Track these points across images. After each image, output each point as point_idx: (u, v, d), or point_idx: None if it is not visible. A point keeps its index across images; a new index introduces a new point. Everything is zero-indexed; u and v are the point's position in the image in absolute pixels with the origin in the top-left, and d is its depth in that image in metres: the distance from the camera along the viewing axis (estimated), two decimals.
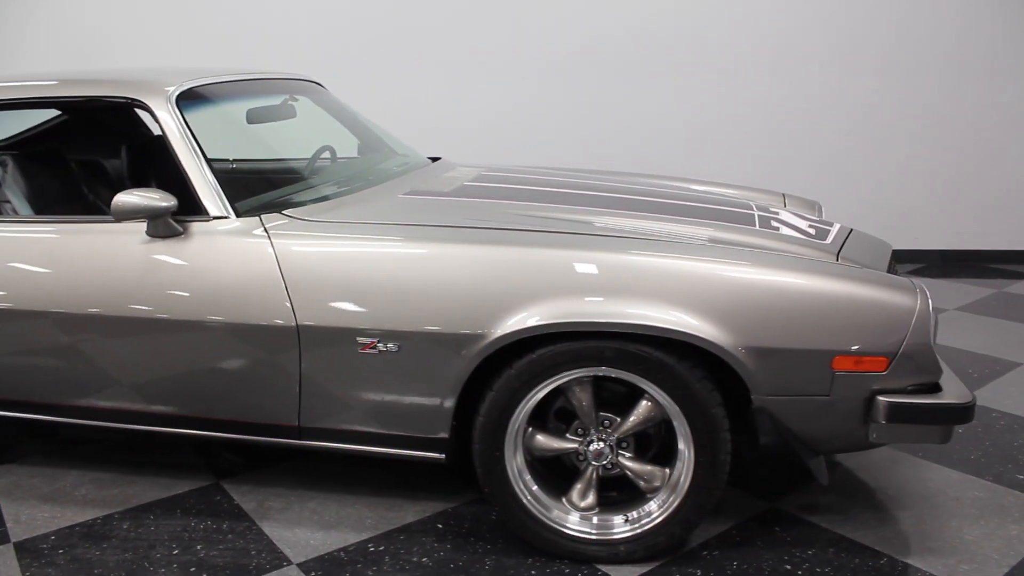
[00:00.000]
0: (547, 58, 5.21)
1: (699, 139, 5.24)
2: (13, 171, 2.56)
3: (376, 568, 2.11)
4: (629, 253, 1.99)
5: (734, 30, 5.10)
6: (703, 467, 1.99)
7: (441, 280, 2.01)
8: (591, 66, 5.20)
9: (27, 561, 2.17)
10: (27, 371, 2.32)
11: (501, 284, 1.98)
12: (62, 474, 2.63)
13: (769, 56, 5.11)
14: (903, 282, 1.98)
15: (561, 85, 5.23)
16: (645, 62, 5.18)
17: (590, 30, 5.16)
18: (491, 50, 5.22)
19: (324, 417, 2.17)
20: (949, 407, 1.92)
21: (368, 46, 5.28)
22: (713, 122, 5.23)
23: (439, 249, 2.05)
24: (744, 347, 1.89)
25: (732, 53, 5.12)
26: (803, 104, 5.16)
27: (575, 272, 1.97)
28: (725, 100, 5.19)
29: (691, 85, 5.18)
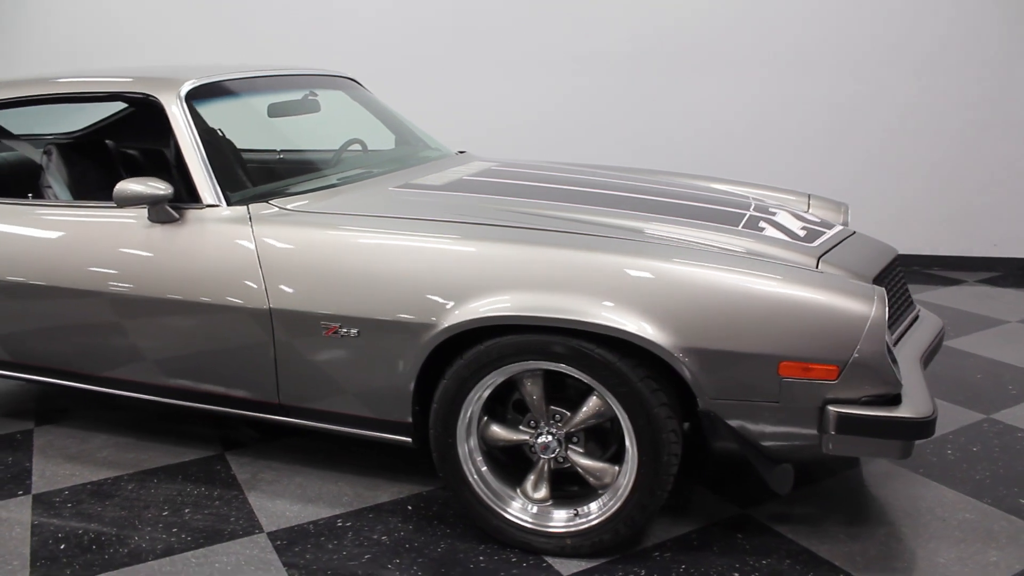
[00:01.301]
0: (585, 56, 5.20)
1: (738, 137, 5.12)
2: (57, 160, 2.82)
3: (337, 542, 2.22)
4: (577, 249, 2.00)
5: (771, 28, 4.95)
6: (646, 467, 1.98)
7: (398, 269, 2.09)
8: (629, 64, 5.16)
9: (39, 511, 2.41)
10: (40, 339, 2.57)
11: (451, 275, 2.04)
12: (91, 437, 2.89)
13: (806, 54, 4.92)
14: (860, 289, 1.89)
15: (598, 83, 5.20)
16: (681, 60, 5.10)
17: (627, 28, 5.12)
18: (530, 48, 5.25)
19: (300, 396, 2.30)
20: (903, 421, 1.83)
21: (405, 45, 5.39)
22: (752, 120, 5.10)
23: (398, 240, 2.13)
24: (685, 348, 1.87)
25: (770, 51, 4.96)
26: (845, 102, 4.94)
27: (521, 266, 2.00)
28: (763, 98, 5.05)
29: (729, 83, 5.06)
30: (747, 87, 5.03)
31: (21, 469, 2.66)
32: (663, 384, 1.95)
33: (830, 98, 4.94)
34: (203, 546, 2.21)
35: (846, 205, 3.06)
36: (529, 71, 5.27)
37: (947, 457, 2.59)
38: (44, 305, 2.49)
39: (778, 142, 5.07)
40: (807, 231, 2.39)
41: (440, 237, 2.11)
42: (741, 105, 5.06)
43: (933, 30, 4.74)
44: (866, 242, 2.48)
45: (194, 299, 2.28)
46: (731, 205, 2.57)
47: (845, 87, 4.90)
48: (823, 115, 4.97)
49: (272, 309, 2.19)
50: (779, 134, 5.06)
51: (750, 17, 4.94)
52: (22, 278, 2.48)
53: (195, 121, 2.45)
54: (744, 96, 5.05)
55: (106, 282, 2.38)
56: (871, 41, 4.82)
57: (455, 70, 5.37)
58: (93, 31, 5.69)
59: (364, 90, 3.54)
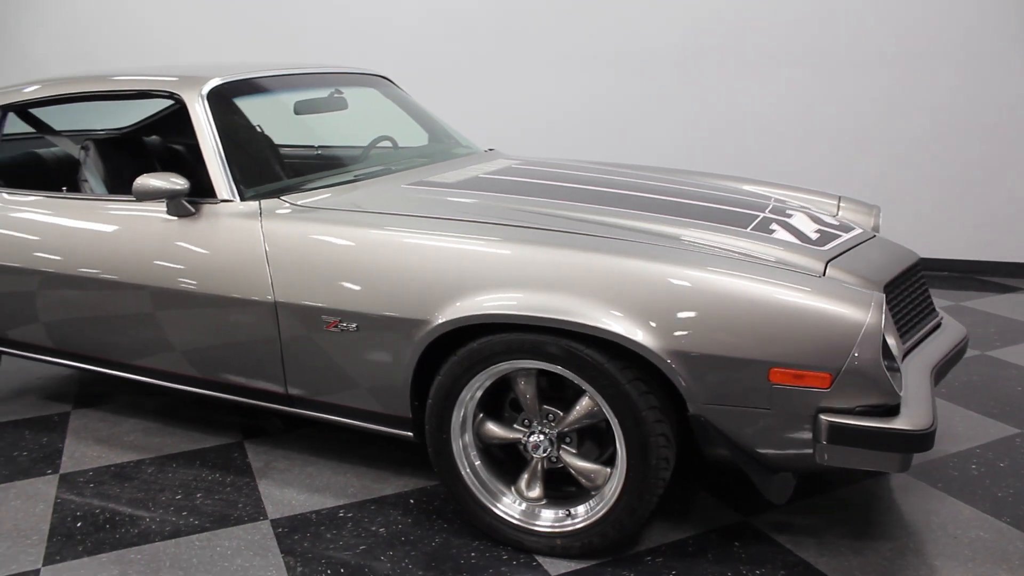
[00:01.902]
0: (622, 54, 5.16)
1: (776, 136, 5.02)
2: (94, 155, 2.95)
3: (335, 532, 2.26)
4: (568, 249, 1.99)
5: (806, 25, 4.82)
6: (635, 470, 1.96)
7: (395, 266, 2.12)
8: (663, 63, 5.10)
9: (63, 489, 2.53)
10: (69, 326, 2.69)
11: (446, 273, 2.05)
12: (122, 421, 3.01)
13: (842, 51, 4.78)
14: (858, 295, 1.83)
15: (634, 81, 5.16)
16: (713, 58, 5.01)
17: (661, 26, 5.07)
18: (567, 48, 5.23)
19: (305, 388, 2.35)
20: (898, 433, 1.77)
21: (445, 47, 5.43)
22: (789, 119, 4.99)
23: (396, 236, 2.16)
24: (673, 352, 1.85)
25: (810, 48, 4.83)
26: (881, 99, 4.78)
27: (512, 265, 2.00)
28: (800, 97, 4.94)
29: (760, 82, 4.96)
30: (779, 86, 4.93)
31: (54, 449, 2.80)
32: (654, 387, 1.92)
33: (864, 96, 4.80)
34: (208, 530, 2.29)
35: (878, 208, 2.96)
36: (566, 70, 5.26)
37: (970, 472, 2.48)
38: (72, 294, 2.61)
39: (817, 142, 4.94)
40: (821, 234, 2.32)
41: (437, 234, 2.13)
42: (776, 104, 4.95)
43: (967, 25, 4.53)
44: (885, 246, 2.39)
45: (207, 291, 2.36)
46: (747, 206, 2.51)
47: (880, 84, 4.75)
48: (865, 113, 4.82)
49: (277, 302, 2.25)
50: (818, 133, 4.93)
51: (781, 15, 4.83)
52: (52, 268, 2.61)
53: (216, 119, 2.53)
54: (779, 95, 4.95)
55: (128, 273, 2.48)
56: (906, 37, 4.66)
57: (493, 70, 5.40)
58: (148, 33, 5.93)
59: (397, 88, 3.60)
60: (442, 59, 5.45)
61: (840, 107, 4.86)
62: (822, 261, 2.12)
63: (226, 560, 2.14)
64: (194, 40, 5.82)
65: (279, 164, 2.82)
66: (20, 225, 2.69)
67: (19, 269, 2.67)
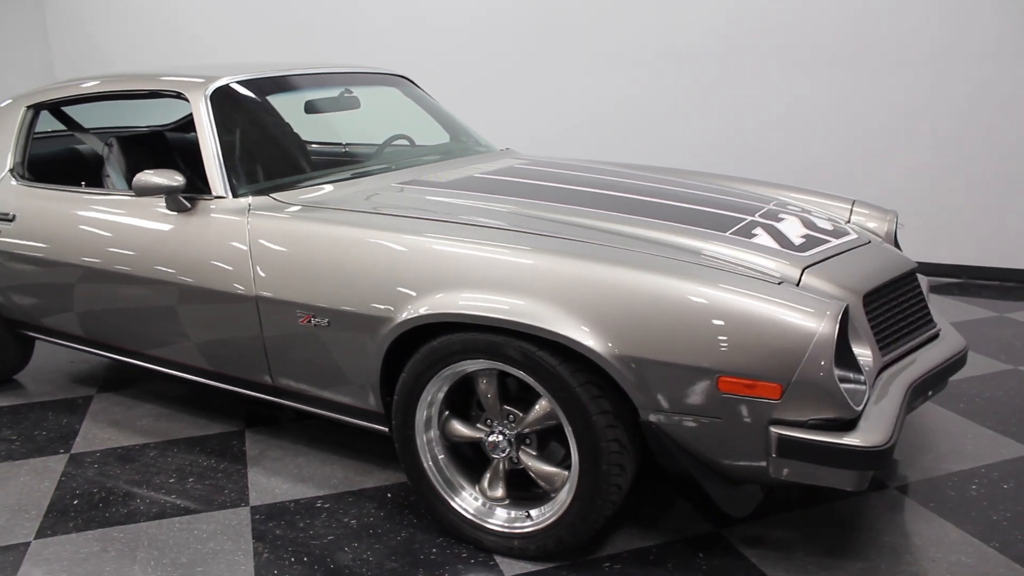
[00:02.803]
0: (652, 55, 5.10)
1: (804, 137, 4.85)
2: (117, 152, 3.09)
3: (308, 522, 2.32)
4: (523, 250, 1.99)
5: (831, 26, 4.64)
6: (586, 475, 1.94)
7: (364, 263, 2.16)
8: (693, 63, 5.01)
9: (69, 468, 2.68)
10: (78, 312, 2.84)
11: (408, 271, 2.08)
12: (138, 406, 3.16)
13: (888, 50, 4.56)
14: (815, 304, 1.76)
15: (660, 83, 5.09)
16: (739, 59, 4.90)
17: (690, 27, 4.98)
18: (603, 47, 5.18)
19: (288, 379, 2.42)
20: (849, 449, 1.70)
21: (482, 48, 5.47)
22: (815, 120, 4.82)
23: (366, 234, 2.19)
24: (622, 357, 1.82)
25: (840, 49, 4.64)
26: (913, 100, 4.56)
27: (468, 265, 2.01)
28: (834, 97, 4.75)
29: (788, 83, 4.80)
30: (804, 86, 4.78)
31: (70, 431, 2.96)
32: (607, 392, 1.90)
33: (890, 97, 4.60)
34: (191, 513, 2.38)
35: (894, 213, 2.85)
36: (599, 70, 5.23)
37: (968, 492, 2.35)
38: (84, 284, 2.75)
39: (851, 143, 4.76)
40: (808, 239, 2.25)
41: (403, 233, 2.16)
42: (807, 105, 4.80)
43: (992, 24, 4.28)
44: (878, 253, 2.29)
45: (198, 283, 2.45)
46: (738, 209, 2.44)
47: (908, 83, 4.54)
48: (907, 113, 4.61)
49: (257, 296, 2.32)
50: (851, 134, 4.75)
51: (817, 14, 4.67)
52: (66, 259, 2.75)
53: (219, 118, 2.62)
54: (804, 95, 4.80)
55: (130, 265, 2.60)
56: (933, 37, 4.44)
57: (529, 71, 5.41)
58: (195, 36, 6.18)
59: (417, 88, 3.64)
60: (479, 61, 5.50)
61: (872, 107, 4.66)
62: (799, 267, 2.05)
63: (200, 543, 2.23)
64: (247, 39, 6.04)
65: (283, 162, 2.90)
66: (43, 218, 2.86)
67: (41, 259, 2.83)
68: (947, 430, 2.75)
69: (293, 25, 5.89)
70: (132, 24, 6.51)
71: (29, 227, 2.86)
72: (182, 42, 6.29)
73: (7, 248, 2.91)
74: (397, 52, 5.54)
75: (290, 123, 3.27)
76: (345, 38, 5.76)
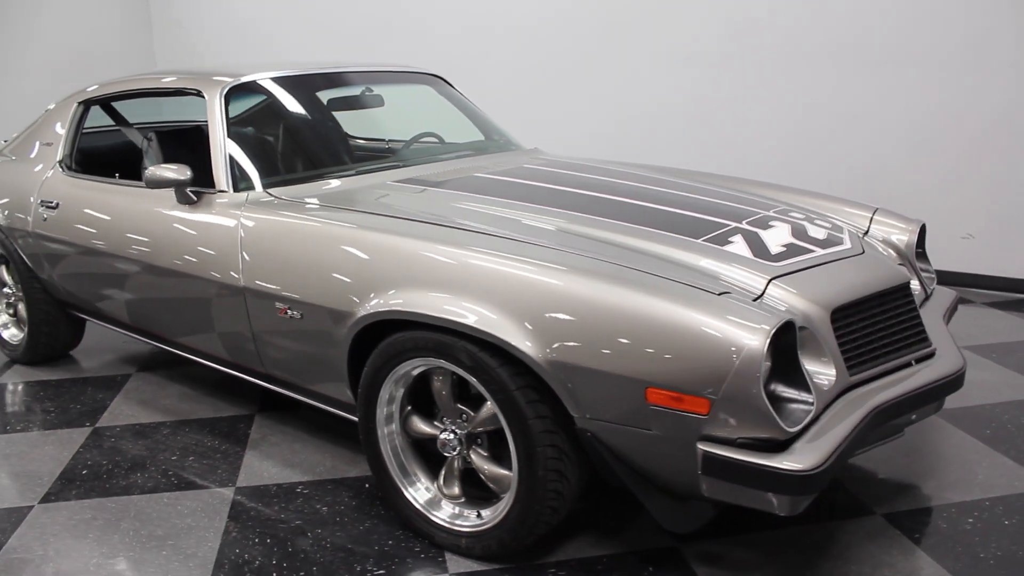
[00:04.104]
0: (683, 56, 4.97)
1: (823, 141, 4.58)
2: (155, 145, 3.28)
3: (283, 506, 2.41)
4: (471, 252, 1.99)
5: (862, 24, 4.35)
6: (524, 480, 1.93)
7: (333, 259, 2.22)
8: (705, 62, 4.88)
9: (88, 441, 2.88)
10: (110, 296, 3.05)
11: (367, 269, 2.13)
12: (168, 386, 3.36)
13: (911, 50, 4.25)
14: (748, 318, 1.68)
15: (714, 83, 4.94)
16: (778, 60, 4.72)
17: (708, 26, 4.79)
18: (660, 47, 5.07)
19: (276, 366, 2.52)
20: (774, 472, 1.62)
21: (542, 49, 5.46)
22: (844, 122, 4.58)
23: (337, 230, 2.26)
24: (555, 362, 1.80)
25: (863, 47, 4.34)
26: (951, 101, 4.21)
27: (420, 264, 2.04)
28: (867, 99, 4.49)
29: (822, 82, 4.53)
30: (841, 86, 4.54)
31: (101, 406, 3.18)
32: (546, 397, 1.88)
33: (926, 98, 4.30)
34: (180, 490, 2.52)
35: (919, 223, 2.69)
36: (653, 70, 5.15)
37: (963, 526, 2.19)
38: (111, 271, 2.95)
39: (880, 146, 4.48)
40: (790, 248, 2.14)
41: (369, 232, 2.20)
42: (843, 105, 4.56)
43: None
44: (865, 265, 2.16)
45: (199, 273, 2.58)
46: (726, 215, 2.35)
47: (936, 83, 4.23)
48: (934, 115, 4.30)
49: (244, 287, 2.43)
50: (883, 138, 4.47)
51: (863, 16, 4.43)
52: (98, 246, 2.96)
53: (231, 116, 2.75)
54: (824, 95, 4.59)
55: (144, 254, 2.77)
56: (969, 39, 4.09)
57: (582, 74, 5.40)
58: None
59: (451, 87, 3.69)
60: (536, 64, 5.55)
61: (952, 112, 4.36)
62: (766, 278, 1.97)
63: (179, 518, 2.36)
64: (329, 42, 6.31)
65: (290, 158, 3.00)
66: (78, 206, 3.08)
67: (75, 244, 3.06)
68: (962, 456, 2.57)
69: (370, 29, 6.14)
70: (226, 25, 6.92)
71: (67, 214, 3.09)
72: (272, 44, 6.64)
73: (52, 233, 3.15)
74: (465, 59, 5.68)
75: (336, 120, 3.38)
76: (416, 42, 5.95)
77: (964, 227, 4.41)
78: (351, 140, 3.62)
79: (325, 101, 3.22)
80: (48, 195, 3.20)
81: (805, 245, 2.19)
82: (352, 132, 3.72)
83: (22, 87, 6.29)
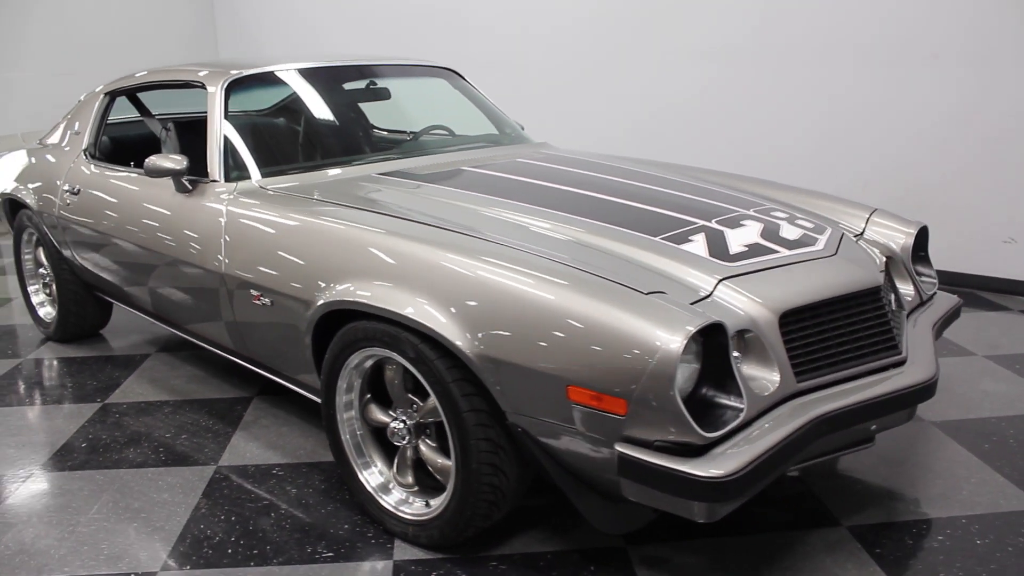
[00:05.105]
0: (707, 51, 4.81)
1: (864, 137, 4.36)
2: (173, 135, 3.41)
3: (256, 486, 2.49)
4: (417, 244, 2.02)
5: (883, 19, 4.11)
6: (459, 472, 1.94)
7: (299, 249, 2.28)
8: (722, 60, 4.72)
9: (95, 416, 3.04)
10: (114, 277, 3.21)
11: (326, 258, 2.18)
12: (181, 367, 3.51)
13: None
14: (674, 318, 1.64)
15: (727, 79, 4.76)
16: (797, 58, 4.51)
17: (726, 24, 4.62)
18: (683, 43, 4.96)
19: (255, 352, 2.61)
20: (685, 477, 1.58)
21: (573, 47, 5.43)
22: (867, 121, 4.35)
23: (305, 222, 2.31)
24: (485, 356, 1.81)
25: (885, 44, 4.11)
26: None
27: (365, 255, 2.08)
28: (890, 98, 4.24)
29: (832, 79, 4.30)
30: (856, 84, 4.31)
31: (114, 383, 3.35)
32: (482, 391, 1.89)
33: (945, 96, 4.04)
34: (166, 466, 2.63)
35: (917, 225, 2.59)
36: (675, 66, 5.07)
37: (931, 543, 2.09)
38: (122, 257, 3.10)
39: (907, 145, 4.25)
40: (752, 248, 2.09)
41: (332, 222, 2.25)
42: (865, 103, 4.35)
43: None
44: (832, 268, 2.08)
45: (190, 260, 2.69)
46: (695, 212, 2.30)
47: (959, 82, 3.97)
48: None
49: (224, 274, 2.51)
50: (905, 135, 4.24)
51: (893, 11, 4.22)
52: (102, 230, 3.11)
53: (230, 108, 2.84)
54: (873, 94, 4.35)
55: (144, 240, 2.90)
56: None
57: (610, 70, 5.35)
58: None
59: (464, 81, 3.72)
60: (567, 62, 5.52)
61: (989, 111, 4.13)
62: (715, 278, 1.92)
63: (156, 492, 2.47)
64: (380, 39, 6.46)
65: (286, 150, 3.09)
66: (93, 192, 3.24)
67: (91, 228, 3.22)
68: (951, 470, 2.45)
69: (416, 27, 6.27)
70: (289, 23, 7.17)
71: (86, 200, 3.26)
72: (331, 39, 6.85)
73: (73, 217, 3.33)
74: (509, 56, 5.73)
75: (342, 112, 3.45)
76: (457, 40, 6.03)
77: (1007, 231, 4.17)
78: (375, 131, 3.68)
79: (332, 95, 3.27)
80: (72, 181, 3.38)
81: (770, 246, 2.13)
82: (377, 124, 3.80)
83: (93, 85, 6.68)
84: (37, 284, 3.95)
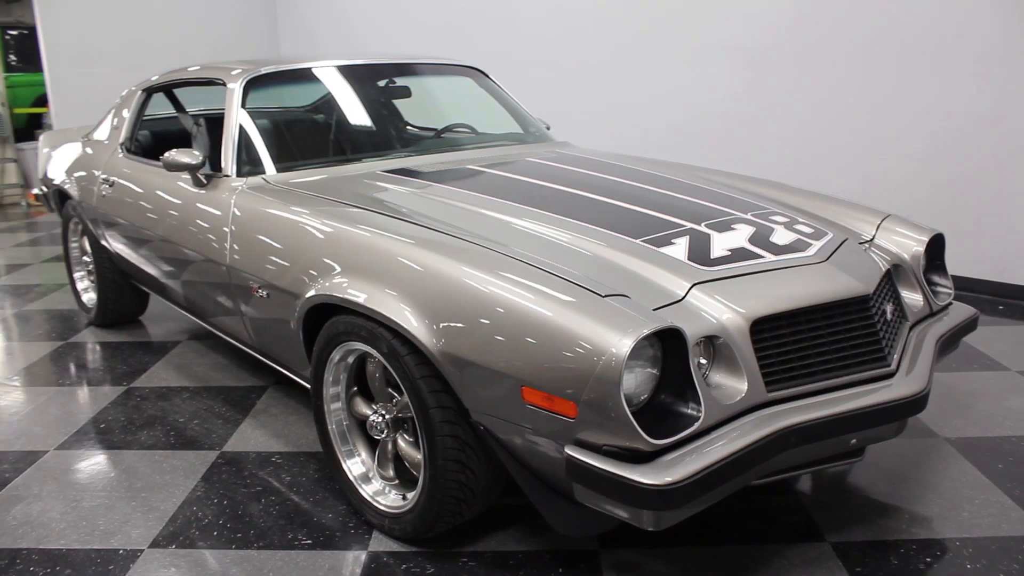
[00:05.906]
0: (728, 52, 4.70)
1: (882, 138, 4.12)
2: (204, 130, 3.53)
3: (253, 472, 2.57)
4: (394, 240, 2.05)
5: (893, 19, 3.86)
6: (427, 468, 1.97)
7: (294, 243, 2.34)
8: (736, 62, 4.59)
9: (118, 398, 3.18)
10: (142, 266, 3.35)
11: (316, 254, 2.23)
12: (207, 354, 3.63)
13: None
14: (626, 322, 1.62)
15: (755, 79, 4.60)
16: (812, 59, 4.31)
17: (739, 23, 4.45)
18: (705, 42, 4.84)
19: (261, 341, 2.69)
20: (624, 483, 1.56)
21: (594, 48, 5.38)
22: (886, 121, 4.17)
23: (300, 217, 2.37)
24: (448, 354, 1.83)
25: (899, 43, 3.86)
26: None
27: (345, 251, 2.12)
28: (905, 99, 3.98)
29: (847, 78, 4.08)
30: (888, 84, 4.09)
31: (142, 368, 3.49)
32: (449, 388, 1.91)
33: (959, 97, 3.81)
34: (171, 449, 2.74)
35: (931, 232, 2.50)
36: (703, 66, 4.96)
37: (916, 565, 2.00)
38: (141, 246, 3.23)
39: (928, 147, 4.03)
40: (736, 253, 2.04)
41: (323, 217, 2.30)
42: None
43: None
44: (818, 275, 2.01)
45: (201, 252, 2.79)
46: (684, 215, 2.26)
47: None
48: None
49: (228, 266, 2.60)
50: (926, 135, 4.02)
51: None
52: (129, 220, 3.25)
53: (248, 105, 2.93)
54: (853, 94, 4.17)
55: (164, 231, 3.02)
56: None
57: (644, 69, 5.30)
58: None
59: (490, 80, 3.74)
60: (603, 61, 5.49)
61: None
62: (688, 282, 1.89)
63: (159, 475, 2.57)
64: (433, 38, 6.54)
65: (298, 146, 3.15)
66: (124, 184, 3.39)
67: (121, 218, 3.37)
68: (956, 490, 2.34)
69: (462, 27, 6.37)
70: (345, 25, 7.35)
71: (118, 192, 3.41)
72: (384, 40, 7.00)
73: (108, 207, 3.49)
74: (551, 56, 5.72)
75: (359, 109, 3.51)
76: (502, 41, 6.09)
77: None
78: (393, 128, 3.73)
79: (353, 92, 3.33)
80: (108, 173, 3.54)
81: (755, 250, 2.07)
82: (410, 120, 3.85)
83: None
84: (82, 271, 4.15)
